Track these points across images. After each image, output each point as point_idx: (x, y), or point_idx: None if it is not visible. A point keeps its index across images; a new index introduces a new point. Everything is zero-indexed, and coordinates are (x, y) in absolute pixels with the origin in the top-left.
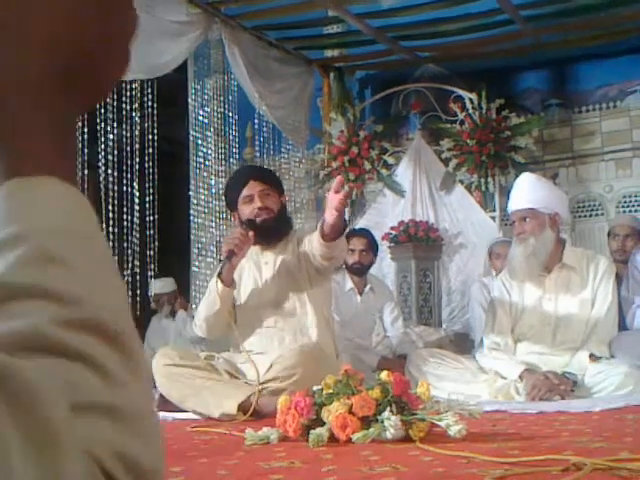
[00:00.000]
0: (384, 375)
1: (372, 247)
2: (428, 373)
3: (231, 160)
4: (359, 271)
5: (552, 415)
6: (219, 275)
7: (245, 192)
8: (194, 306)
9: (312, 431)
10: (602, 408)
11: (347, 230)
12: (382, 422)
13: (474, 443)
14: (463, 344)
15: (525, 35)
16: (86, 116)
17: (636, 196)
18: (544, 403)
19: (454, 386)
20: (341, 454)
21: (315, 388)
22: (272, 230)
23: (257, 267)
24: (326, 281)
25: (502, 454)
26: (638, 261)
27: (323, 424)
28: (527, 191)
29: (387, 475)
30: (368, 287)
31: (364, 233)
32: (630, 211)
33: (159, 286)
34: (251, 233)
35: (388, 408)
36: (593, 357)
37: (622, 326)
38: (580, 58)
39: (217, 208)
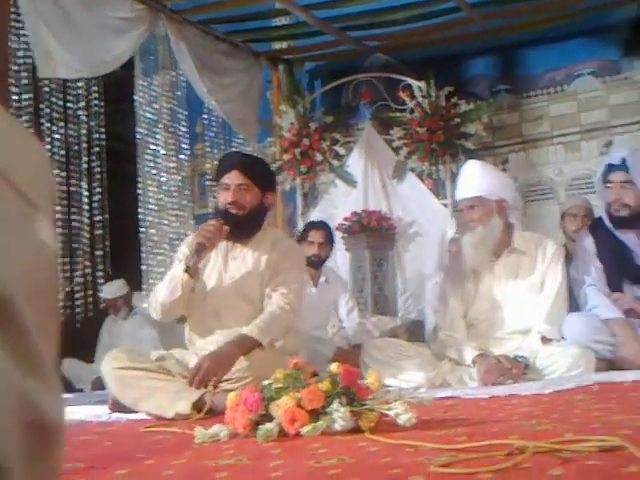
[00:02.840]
0: (334, 367)
1: (330, 239)
2: (382, 362)
3: (181, 157)
4: (316, 263)
5: (504, 399)
6: (187, 267)
7: (225, 179)
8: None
9: (261, 426)
10: (552, 390)
11: None
12: (331, 414)
13: (423, 431)
14: (419, 332)
15: (472, 22)
16: (32, 116)
17: (585, 178)
18: (496, 387)
19: (408, 374)
20: (290, 449)
21: (264, 383)
22: (238, 226)
23: (224, 260)
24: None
25: (449, 441)
26: (585, 242)
27: (272, 419)
28: (473, 179)
29: (334, 467)
30: (323, 279)
31: (322, 226)
32: (580, 193)
33: (113, 290)
34: (226, 227)
35: (337, 400)
36: (544, 339)
37: (574, 307)
38: (527, 43)
39: (169, 205)
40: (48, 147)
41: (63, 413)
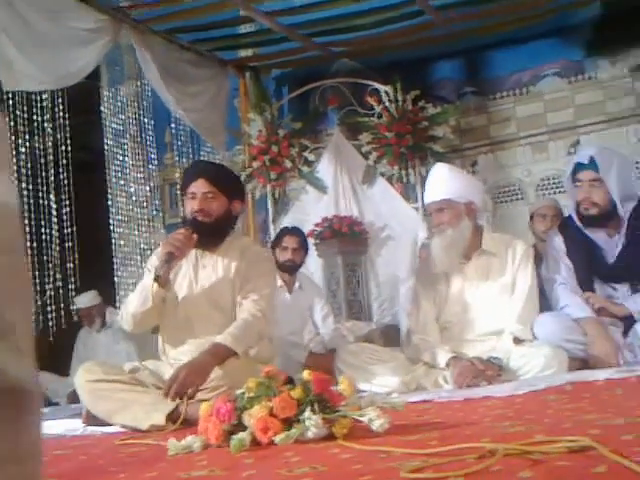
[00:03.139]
0: (306, 374)
1: (304, 245)
2: (356, 367)
3: (150, 167)
4: (291, 269)
5: (478, 401)
6: (157, 276)
7: (191, 188)
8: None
9: (233, 436)
10: (526, 391)
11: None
12: (304, 422)
13: (397, 436)
14: (394, 336)
15: (437, 25)
16: None
17: (554, 178)
18: (470, 389)
19: (382, 379)
20: (262, 458)
21: (237, 392)
22: (206, 234)
23: (194, 270)
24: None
25: (422, 445)
26: (555, 241)
27: (246, 428)
28: (441, 182)
29: (306, 476)
30: (297, 284)
31: (296, 232)
32: (549, 193)
33: (86, 300)
34: (195, 236)
35: (309, 407)
36: (517, 340)
37: (546, 306)
38: (492, 45)
39: (139, 216)
40: (14, 161)
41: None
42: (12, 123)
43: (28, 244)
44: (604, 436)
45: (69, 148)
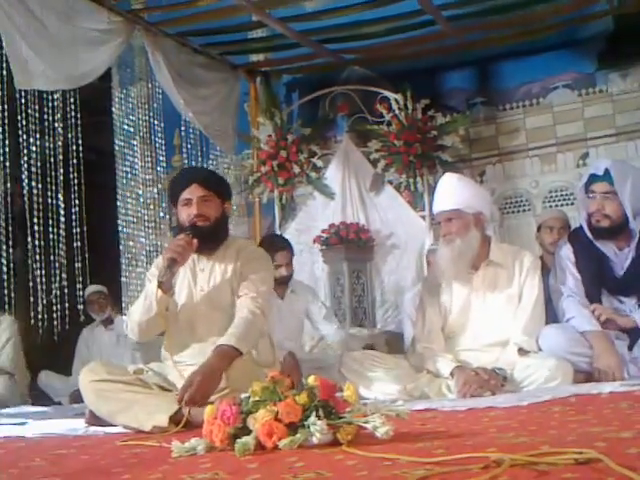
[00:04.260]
0: (311, 379)
1: (293, 255)
2: (359, 374)
3: (158, 169)
4: (284, 280)
5: (481, 411)
6: (160, 283)
7: (185, 195)
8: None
9: (238, 440)
10: (530, 402)
11: None
12: (308, 427)
13: (401, 444)
14: (398, 343)
15: (447, 35)
16: (8, 128)
17: (561, 190)
18: (474, 399)
19: (386, 386)
20: (267, 462)
21: (242, 396)
22: (206, 238)
23: (192, 274)
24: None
25: (426, 454)
26: (564, 251)
27: (250, 432)
28: (450, 192)
29: None
30: (289, 290)
31: (285, 245)
32: (556, 205)
33: (95, 287)
34: (195, 241)
35: (314, 413)
36: (522, 351)
37: (553, 317)
38: (502, 56)
39: (146, 217)
40: (25, 159)
41: None
42: (23, 122)
43: (36, 243)
44: (610, 449)
45: (79, 148)
